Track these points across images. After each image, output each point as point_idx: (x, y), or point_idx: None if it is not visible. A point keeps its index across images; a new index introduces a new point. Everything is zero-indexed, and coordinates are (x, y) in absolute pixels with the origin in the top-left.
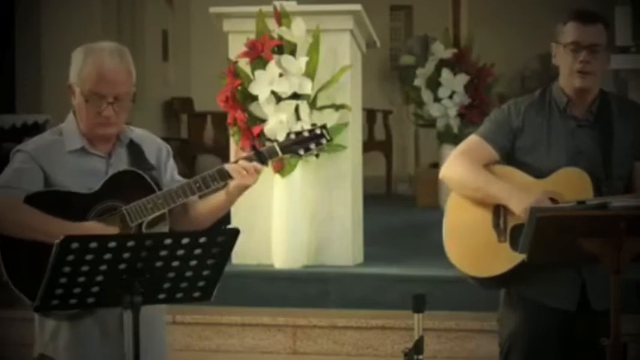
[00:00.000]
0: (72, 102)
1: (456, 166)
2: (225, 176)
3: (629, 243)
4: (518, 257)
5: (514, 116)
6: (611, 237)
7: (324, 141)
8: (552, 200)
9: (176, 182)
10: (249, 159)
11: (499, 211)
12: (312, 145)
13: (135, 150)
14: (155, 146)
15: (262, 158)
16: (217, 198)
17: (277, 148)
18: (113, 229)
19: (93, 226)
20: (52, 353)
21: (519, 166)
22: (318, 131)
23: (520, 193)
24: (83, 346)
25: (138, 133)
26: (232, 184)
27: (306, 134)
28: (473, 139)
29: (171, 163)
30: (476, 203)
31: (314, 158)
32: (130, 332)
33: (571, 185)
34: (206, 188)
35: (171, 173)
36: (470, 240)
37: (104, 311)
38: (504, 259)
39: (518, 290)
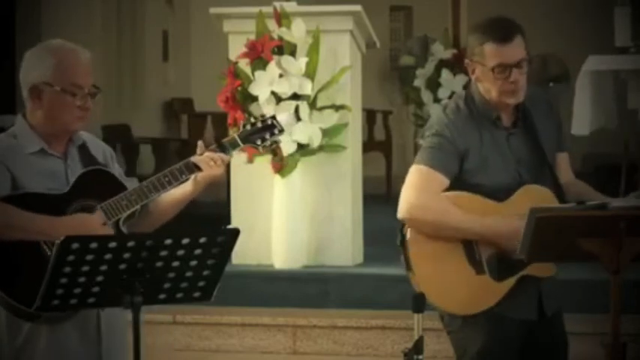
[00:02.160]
0: (31, 104)
1: (427, 207)
2: (192, 168)
3: (629, 243)
4: (506, 286)
5: (458, 138)
6: (610, 237)
7: (276, 131)
8: None
9: (126, 181)
10: (213, 151)
11: (470, 243)
12: (267, 136)
13: (85, 151)
14: (100, 149)
15: (225, 149)
16: (182, 190)
17: (238, 139)
18: (98, 221)
19: (81, 218)
20: (28, 358)
21: (469, 188)
22: (269, 122)
23: (511, 232)
24: (62, 350)
25: (85, 136)
26: (201, 174)
27: (259, 125)
28: (424, 171)
29: (117, 165)
30: (441, 238)
31: (314, 158)
32: (106, 334)
33: (537, 203)
34: (175, 181)
35: (119, 174)
36: (451, 279)
37: (82, 314)
38: (491, 291)
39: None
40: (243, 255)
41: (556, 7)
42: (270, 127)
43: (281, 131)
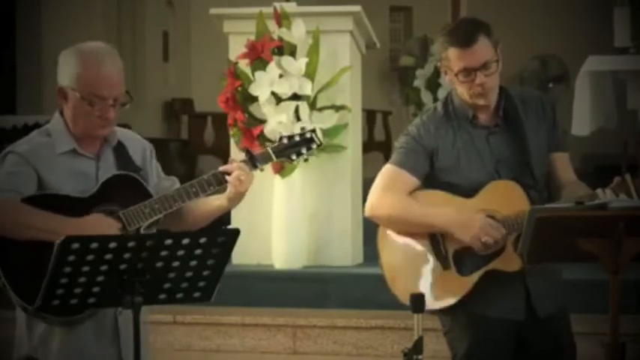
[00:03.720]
0: (62, 104)
1: (385, 203)
2: (221, 180)
3: (628, 243)
4: (470, 281)
5: (426, 138)
6: (610, 237)
7: (314, 145)
8: (489, 217)
9: (162, 180)
10: (244, 163)
11: (436, 238)
12: (304, 150)
13: (121, 151)
14: (140, 147)
15: (256, 163)
16: (217, 202)
17: (271, 153)
18: (116, 225)
19: (97, 220)
20: (42, 357)
21: (444, 187)
22: (308, 135)
23: (463, 219)
24: (77, 351)
25: (123, 134)
26: (231, 191)
27: (297, 139)
28: (391, 170)
29: (155, 162)
30: (408, 235)
31: (314, 159)
32: (124, 335)
33: (503, 198)
34: (202, 193)
35: (157, 172)
36: (414, 274)
37: (99, 315)
38: (456, 286)
39: (466, 308)
40: (243, 255)
41: (556, 7)
42: (308, 140)
43: (319, 146)
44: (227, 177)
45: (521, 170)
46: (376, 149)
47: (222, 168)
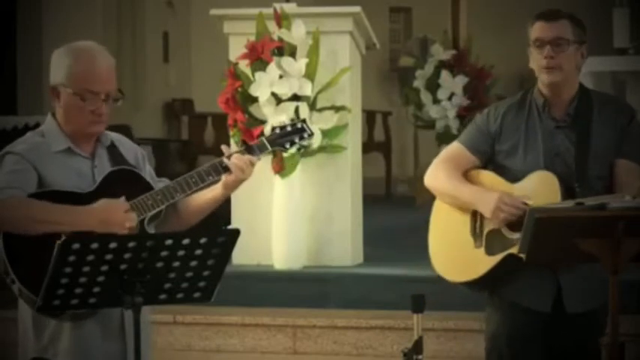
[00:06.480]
0: (54, 104)
1: (436, 175)
2: (220, 170)
3: (627, 244)
4: (491, 262)
5: (492, 121)
6: (609, 238)
7: (306, 135)
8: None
9: (156, 183)
10: (241, 154)
11: (476, 216)
12: (296, 139)
13: (114, 152)
14: (132, 150)
15: (253, 153)
16: (212, 192)
17: (266, 143)
18: (122, 207)
19: (107, 203)
20: (51, 357)
21: (499, 169)
22: (299, 125)
23: (486, 195)
24: (86, 348)
25: (114, 137)
26: (231, 178)
27: (289, 129)
28: (454, 147)
29: (148, 166)
30: (457, 209)
31: (314, 159)
32: (130, 332)
33: (540, 189)
34: (202, 182)
35: (150, 175)
36: (450, 246)
37: (106, 312)
38: (480, 264)
39: (498, 291)
40: (243, 255)
41: (556, 7)
42: (300, 130)
43: (310, 135)
44: (228, 163)
45: (575, 168)
46: (376, 149)
47: (224, 159)
